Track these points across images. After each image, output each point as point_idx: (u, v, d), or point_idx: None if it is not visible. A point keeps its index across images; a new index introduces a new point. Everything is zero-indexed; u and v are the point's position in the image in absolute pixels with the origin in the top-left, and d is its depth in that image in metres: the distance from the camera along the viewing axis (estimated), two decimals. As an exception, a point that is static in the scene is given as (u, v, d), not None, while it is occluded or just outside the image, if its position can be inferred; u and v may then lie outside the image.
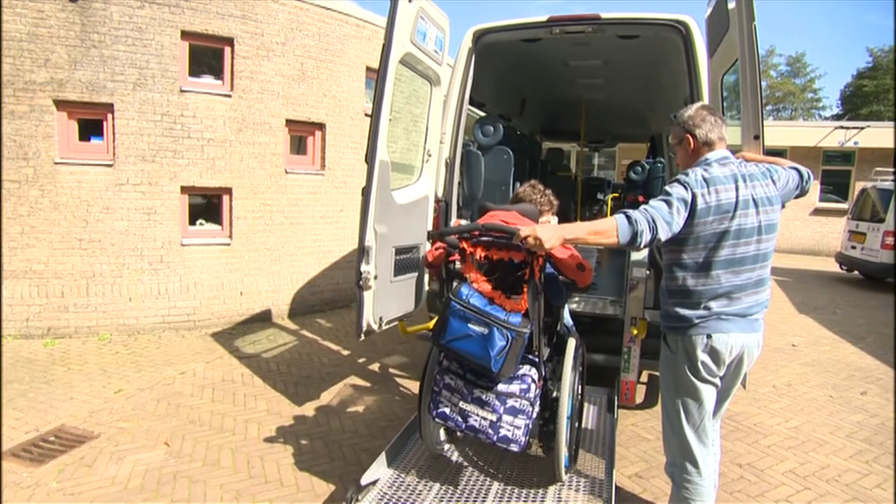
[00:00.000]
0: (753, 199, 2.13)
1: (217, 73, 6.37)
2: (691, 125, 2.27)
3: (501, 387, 2.49)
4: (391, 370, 5.17)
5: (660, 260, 2.69)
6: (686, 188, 2.11)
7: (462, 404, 2.53)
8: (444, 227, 3.68)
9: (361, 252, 3.23)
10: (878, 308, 8.67)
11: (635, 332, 3.59)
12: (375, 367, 5.26)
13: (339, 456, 3.49)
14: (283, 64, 6.63)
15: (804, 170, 2.40)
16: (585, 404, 3.44)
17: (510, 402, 2.47)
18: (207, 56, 6.35)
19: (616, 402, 3.67)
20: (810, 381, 5.16)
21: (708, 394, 2.23)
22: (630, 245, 2.06)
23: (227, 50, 6.30)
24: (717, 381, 2.24)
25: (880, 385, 5.10)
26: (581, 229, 2.09)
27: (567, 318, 3.15)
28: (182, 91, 6.03)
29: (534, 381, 2.51)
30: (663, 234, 2.06)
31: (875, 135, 15.10)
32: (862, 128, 15.29)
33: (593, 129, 8.72)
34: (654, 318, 3.50)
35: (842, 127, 15.63)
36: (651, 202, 2.13)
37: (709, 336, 2.15)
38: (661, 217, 2.06)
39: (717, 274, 2.14)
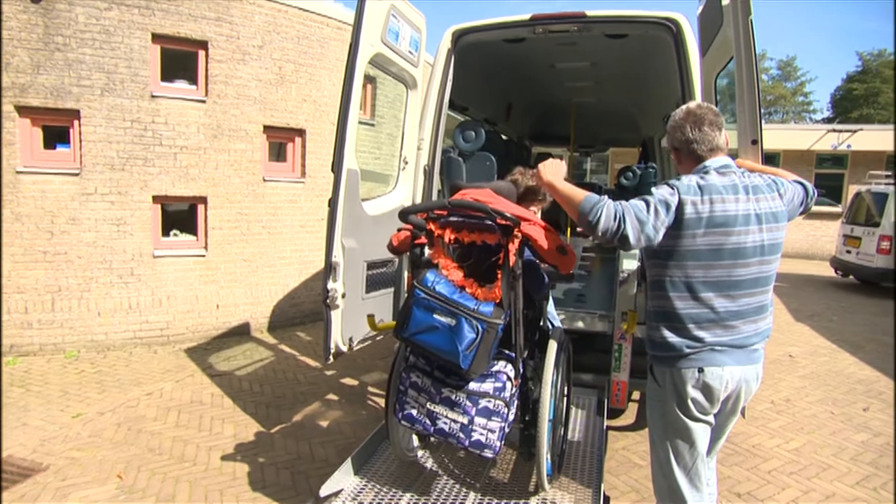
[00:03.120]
0: (757, 215, 1.89)
1: (190, 77, 6.11)
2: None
3: (473, 385, 2.21)
4: (370, 388, 4.90)
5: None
6: (673, 191, 1.88)
7: (430, 405, 2.25)
8: (410, 206, 3.26)
9: (328, 268, 3.00)
10: (876, 315, 8.49)
11: (625, 326, 3.35)
12: (354, 383, 5.00)
13: (305, 489, 3.22)
14: (261, 68, 6.37)
15: (809, 185, 2.15)
16: (573, 408, 3.19)
17: (483, 403, 2.19)
18: (180, 60, 6.09)
19: (606, 405, 3.43)
20: (809, 395, 4.94)
21: (700, 433, 1.97)
22: (586, 225, 1.90)
23: (201, 53, 6.04)
24: (711, 418, 1.99)
25: (882, 399, 4.88)
26: (565, 185, 2.05)
27: (551, 313, 2.87)
28: (153, 96, 5.77)
29: (509, 378, 2.22)
30: (632, 232, 1.83)
31: (868, 138, 15.01)
32: (854, 131, 15.19)
33: (583, 134, 8.49)
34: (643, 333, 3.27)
35: (834, 130, 15.52)
36: (631, 200, 1.91)
37: (700, 370, 1.89)
38: (634, 213, 1.85)
39: (708, 297, 1.89)
